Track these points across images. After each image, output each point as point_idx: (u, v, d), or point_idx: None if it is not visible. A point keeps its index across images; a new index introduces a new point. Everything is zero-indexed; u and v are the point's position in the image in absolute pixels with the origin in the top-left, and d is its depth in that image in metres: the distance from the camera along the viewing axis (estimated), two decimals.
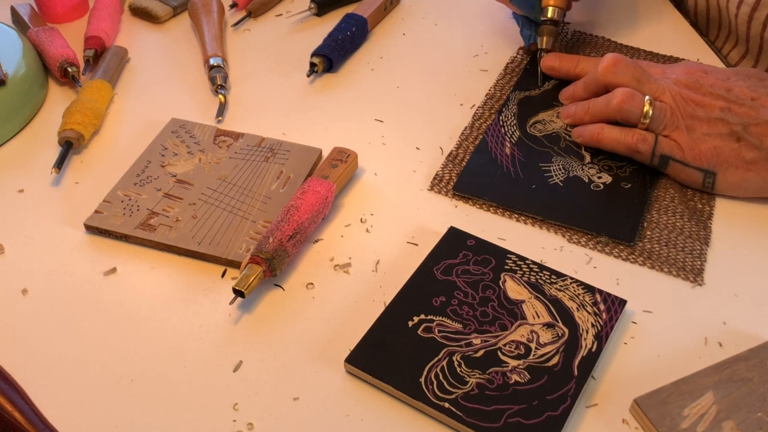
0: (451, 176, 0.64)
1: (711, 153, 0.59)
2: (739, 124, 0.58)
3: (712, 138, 0.59)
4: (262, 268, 0.53)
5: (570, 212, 0.59)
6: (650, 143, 0.60)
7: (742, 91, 0.59)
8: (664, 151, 0.60)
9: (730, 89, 0.59)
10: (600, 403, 0.48)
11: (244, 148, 0.66)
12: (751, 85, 0.60)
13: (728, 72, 0.62)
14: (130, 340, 0.53)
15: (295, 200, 0.57)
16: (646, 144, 0.60)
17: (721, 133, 0.58)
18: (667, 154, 0.60)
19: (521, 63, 0.75)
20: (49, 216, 0.62)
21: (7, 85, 0.69)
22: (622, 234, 0.58)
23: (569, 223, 0.59)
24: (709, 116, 0.59)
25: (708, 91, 0.60)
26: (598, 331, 0.51)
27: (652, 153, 0.60)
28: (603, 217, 0.59)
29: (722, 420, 0.46)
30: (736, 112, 0.58)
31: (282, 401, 0.49)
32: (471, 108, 0.71)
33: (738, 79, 0.61)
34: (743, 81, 0.60)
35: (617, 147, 0.61)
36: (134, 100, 0.74)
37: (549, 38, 0.72)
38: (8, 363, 0.51)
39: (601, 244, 0.57)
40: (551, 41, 0.72)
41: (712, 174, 0.59)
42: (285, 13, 0.85)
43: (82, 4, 0.86)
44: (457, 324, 0.51)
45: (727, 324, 0.53)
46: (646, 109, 0.60)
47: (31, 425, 0.46)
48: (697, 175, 0.59)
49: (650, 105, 0.60)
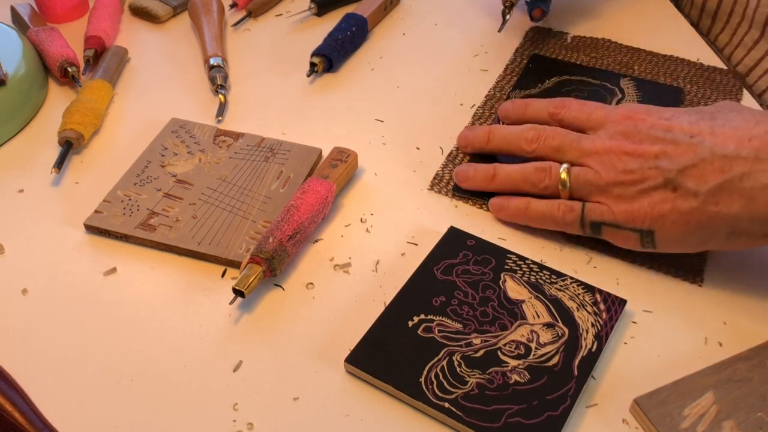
0: (451, 176, 0.64)
1: (646, 209, 0.52)
2: (674, 170, 0.51)
3: (646, 193, 0.52)
4: (262, 268, 0.53)
5: None
6: (577, 212, 0.55)
7: (682, 127, 0.53)
8: (593, 217, 0.55)
9: (670, 128, 0.53)
10: (600, 403, 0.48)
11: (244, 148, 0.66)
12: (695, 120, 0.53)
13: (677, 110, 0.55)
14: (130, 340, 0.53)
15: (295, 200, 0.57)
16: (573, 213, 0.55)
17: (656, 186, 0.52)
18: (597, 220, 0.55)
19: (521, 63, 0.75)
20: (49, 216, 0.62)
21: (7, 85, 0.69)
22: None
23: None
24: (642, 167, 0.52)
25: (645, 136, 0.53)
26: (598, 330, 0.51)
27: (581, 221, 0.55)
28: None
29: (722, 420, 0.46)
30: (671, 155, 0.52)
31: (282, 401, 0.49)
32: (471, 108, 0.71)
33: (683, 114, 0.54)
34: (688, 116, 0.54)
35: (545, 222, 0.57)
36: (134, 100, 0.74)
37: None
38: (8, 363, 0.51)
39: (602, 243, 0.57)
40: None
41: (650, 233, 0.53)
42: (285, 13, 0.85)
43: (82, 4, 0.86)
44: (457, 324, 0.51)
45: (727, 324, 0.53)
46: (563, 178, 0.56)
47: (31, 425, 0.46)
48: (634, 236, 0.54)
49: (567, 173, 0.56)
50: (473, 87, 0.73)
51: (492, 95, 0.72)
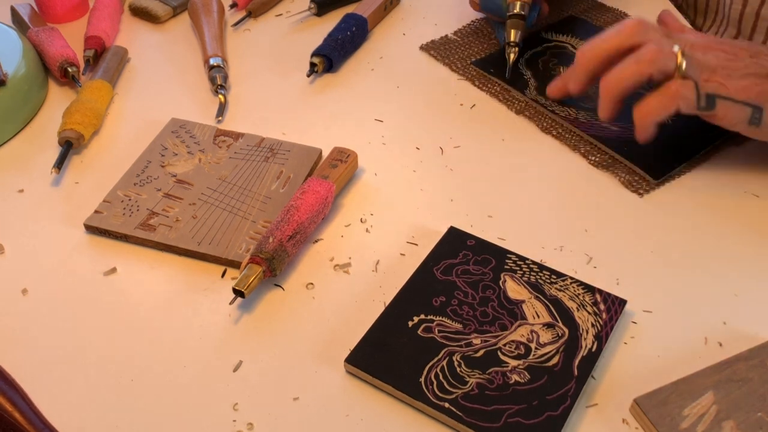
0: None
1: (755, 87, 0.57)
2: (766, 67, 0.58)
3: (752, 76, 0.58)
4: (262, 268, 0.53)
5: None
6: (692, 86, 0.57)
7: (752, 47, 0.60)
8: (708, 89, 0.57)
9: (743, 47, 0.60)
10: (600, 403, 0.48)
11: (244, 148, 0.66)
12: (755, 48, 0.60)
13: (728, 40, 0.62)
14: (130, 340, 0.53)
15: (295, 200, 0.57)
16: (688, 88, 0.57)
17: (759, 74, 0.58)
18: (712, 92, 0.57)
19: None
20: (49, 216, 0.62)
21: (7, 85, 0.69)
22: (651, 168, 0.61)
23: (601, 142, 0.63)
24: (741, 58, 0.58)
25: (729, 44, 0.60)
26: (598, 331, 0.51)
27: (697, 95, 0.57)
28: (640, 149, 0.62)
29: (722, 420, 0.46)
30: (766, 56, 0.59)
31: (282, 401, 0.49)
32: (471, 108, 0.71)
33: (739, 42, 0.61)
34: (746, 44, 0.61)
35: (666, 107, 0.58)
36: (134, 100, 0.74)
37: (516, 31, 0.72)
38: (8, 363, 0.51)
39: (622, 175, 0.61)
40: (519, 34, 0.72)
41: (759, 109, 0.57)
42: (285, 13, 0.85)
43: (82, 4, 0.86)
44: (457, 324, 0.51)
45: (727, 324, 0.53)
46: (679, 61, 0.57)
47: (31, 425, 0.46)
48: (746, 111, 0.58)
49: (682, 55, 0.57)
50: (473, 87, 0.73)
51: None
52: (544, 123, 0.69)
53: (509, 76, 0.72)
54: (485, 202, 0.62)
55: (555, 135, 0.68)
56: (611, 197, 0.62)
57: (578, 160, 0.65)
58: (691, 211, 0.61)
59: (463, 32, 0.80)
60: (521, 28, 0.72)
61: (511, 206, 0.62)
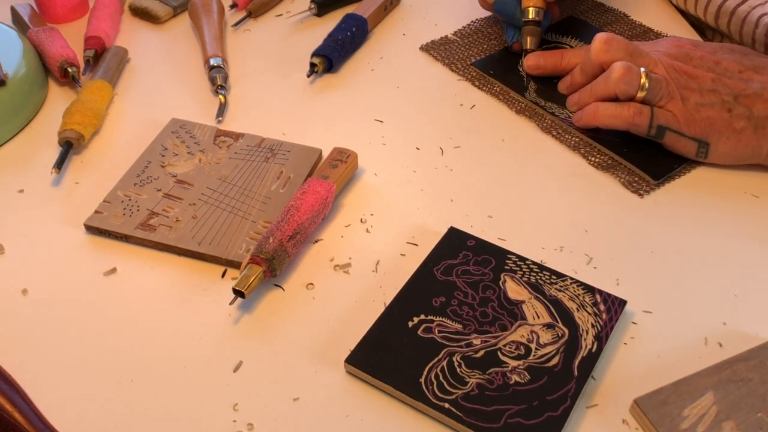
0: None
1: (705, 123, 0.61)
2: (730, 94, 0.61)
3: (705, 108, 0.61)
4: (262, 268, 0.53)
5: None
6: (647, 115, 0.61)
7: (730, 64, 0.62)
8: (660, 121, 0.61)
9: (718, 62, 0.62)
10: (600, 404, 0.48)
11: (244, 148, 0.66)
12: (736, 59, 0.63)
13: (714, 46, 0.65)
14: (130, 340, 0.53)
15: (295, 200, 0.57)
16: (643, 116, 0.61)
17: (713, 103, 0.61)
18: (663, 124, 0.61)
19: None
20: (49, 216, 0.62)
21: (7, 85, 0.69)
22: (650, 169, 0.62)
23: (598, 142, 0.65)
24: (701, 87, 0.61)
25: (698, 64, 0.63)
26: (598, 331, 0.51)
27: (649, 124, 0.61)
28: (639, 150, 0.64)
29: (722, 420, 0.46)
30: (726, 84, 0.61)
31: (282, 401, 0.49)
32: (471, 108, 0.71)
33: (724, 53, 0.64)
34: (729, 55, 0.63)
35: (615, 122, 0.63)
36: (134, 100, 0.74)
37: (533, 39, 0.72)
38: (8, 363, 0.51)
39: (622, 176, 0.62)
40: (535, 41, 0.72)
41: (706, 144, 0.61)
42: (285, 14, 0.85)
43: (82, 4, 0.86)
44: (457, 324, 0.51)
45: (727, 324, 0.53)
46: (642, 81, 0.61)
47: (31, 425, 0.46)
48: (692, 145, 0.62)
49: (646, 77, 0.61)
50: (473, 87, 0.73)
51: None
52: (544, 123, 0.69)
53: (527, 84, 0.72)
54: (485, 202, 0.62)
55: (555, 135, 0.68)
56: (611, 198, 0.62)
57: (578, 160, 0.65)
58: (691, 211, 0.61)
59: (463, 32, 0.80)
60: (537, 35, 0.72)
61: (511, 206, 0.62)
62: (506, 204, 0.62)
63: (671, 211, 0.61)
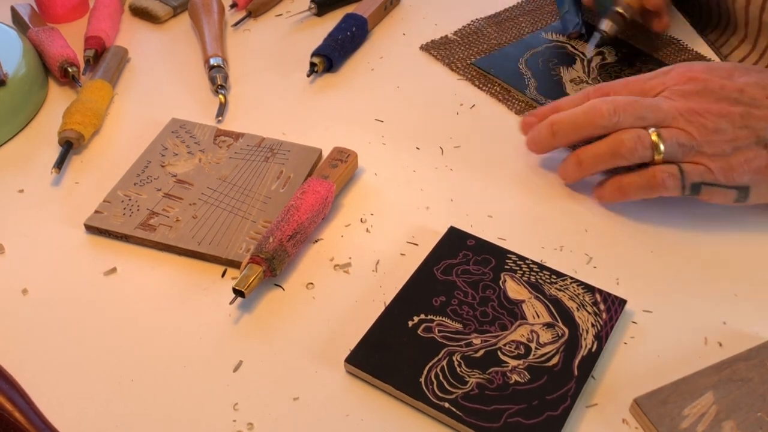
0: None
1: (742, 167, 0.54)
2: (764, 128, 0.54)
3: (740, 151, 0.54)
4: (262, 268, 0.53)
5: None
6: (677, 176, 0.55)
7: (754, 90, 0.55)
8: (694, 179, 0.55)
9: (742, 90, 0.55)
10: (600, 403, 0.48)
11: (244, 148, 0.66)
12: (757, 81, 0.56)
13: (728, 68, 0.57)
14: (130, 340, 0.53)
15: (295, 200, 0.57)
16: (674, 179, 0.55)
17: (749, 145, 0.54)
18: (697, 180, 0.55)
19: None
20: (49, 216, 0.62)
21: (7, 85, 0.69)
22: None
23: None
24: (732, 126, 0.54)
25: (720, 96, 0.55)
26: (598, 331, 0.51)
27: (682, 185, 0.56)
28: None
29: (722, 420, 0.46)
30: (757, 116, 0.54)
31: (282, 401, 0.49)
32: (471, 108, 0.71)
33: (741, 75, 0.56)
34: (747, 77, 0.56)
35: (645, 192, 0.57)
36: (134, 100, 0.74)
37: (614, 25, 0.73)
38: (8, 363, 0.51)
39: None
40: (615, 28, 0.73)
41: (746, 189, 0.55)
42: (285, 13, 0.85)
43: (82, 4, 0.86)
44: (457, 324, 0.51)
45: (727, 324, 0.53)
46: (655, 142, 0.55)
47: (31, 425, 0.46)
48: (732, 193, 0.56)
49: (659, 137, 0.55)
50: (473, 87, 0.73)
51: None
52: None
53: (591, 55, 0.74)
54: (485, 202, 0.62)
55: None
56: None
57: None
58: (690, 210, 0.61)
59: (463, 32, 0.80)
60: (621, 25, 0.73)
61: (511, 206, 0.62)
62: (506, 204, 0.62)
63: (671, 210, 0.61)
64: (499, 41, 0.79)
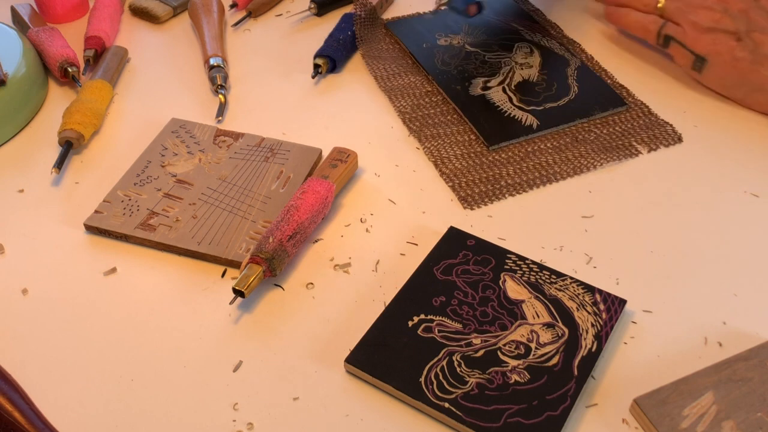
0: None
1: (709, 42, 0.68)
2: (744, 26, 0.67)
3: (715, 32, 0.67)
4: (262, 268, 0.53)
5: None
6: (659, 24, 0.71)
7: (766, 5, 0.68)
8: (668, 32, 0.70)
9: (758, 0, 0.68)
10: (600, 403, 0.48)
11: (244, 148, 0.66)
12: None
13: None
14: (130, 340, 0.53)
15: (295, 200, 0.57)
16: (656, 24, 0.71)
17: (725, 29, 0.67)
18: (670, 34, 0.70)
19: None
20: (49, 216, 0.62)
21: (7, 85, 0.69)
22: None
23: None
24: (723, 9, 0.67)
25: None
26: (598, 330, 0.51)
27: (659, 31, 0.71)
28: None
29: (722, 420, 0.46)
30: (749, 17, 0.67)
31: (282, 401, 0.49)
32: None
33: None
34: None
35: (634, 27, 0.74)
36: (134, 100, 0.74)
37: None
38: (8, 363, 0.51)
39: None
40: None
41: (703, 60, 0.68)
42: (285, 13, 0.85)
43: (82, 4, 0.86)
44: (457, 324, 0.51)
45: (727, 324, 0.53)
46: (661, 4, 0.71)
47: (31, 425, 0.46)
48: (690, 57, 0.69)
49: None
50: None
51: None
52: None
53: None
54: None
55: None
56: (611, 197, 0.62)
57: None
58: (690, 210, 0.61)
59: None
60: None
61: (511, 206, 0.62)
62: (506, 204, 0.62)
63: (671, 210, 0.61)
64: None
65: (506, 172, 0.64)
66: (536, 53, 0.75)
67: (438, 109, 0.70)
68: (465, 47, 0.76)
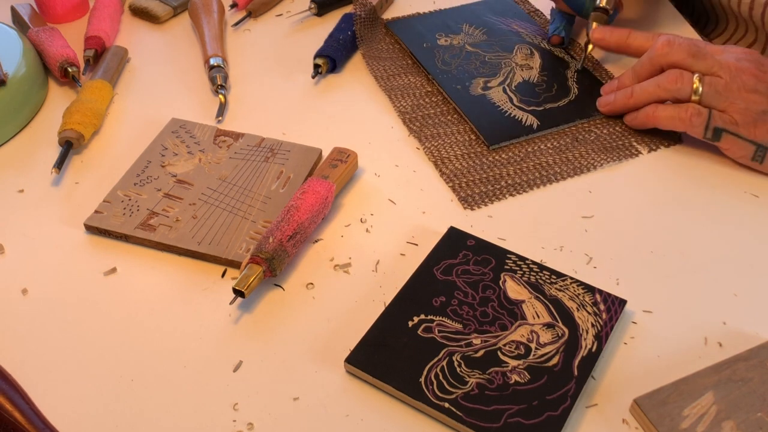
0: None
1: (766, 129, 0.60)
2: None
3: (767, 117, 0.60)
4: (262, 268, 0.53)
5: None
6: (704, 116, 0.61)
7: None
8: (717, 123, 0.61)
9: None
10: (600, 403, 0.48)
11: (244, 148, 0.66)
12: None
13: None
14: (130, 340, 0.53)
15: (295, 200, 0.57)
16: (701, 117, 0.61)
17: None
18: (720, 126, 0.61)
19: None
20: (49, 216, 0.62)
21: (7, 85, 0.69)
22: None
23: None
24: (765, 88, 0.60)
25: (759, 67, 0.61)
26: (598, 331, 0.51)
27: (706, 125, 0.61)
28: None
29: (722, 420, 0.46)
30: None
31: (282, 401, 0.49)
32: None
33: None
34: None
35: (672, 123, 0.63)
36: (134, 100, 0.74)
37: (599, 25, 0.72)
38: (8, 363, 0.51)
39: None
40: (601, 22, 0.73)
41: (765, 148, 0.61)
42: (285, 13, 0.85)
43: (82, 4, 0.86)
44: (457, 324, 0.51)
45: (727, 324, 0.53)
46: (695, 86, 0.61)
47: (31, 425, 0.46)
48: (749, 148, 0.61)
49: (700, 81, 0.61)
50: None
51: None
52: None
53: (581, 67, 0.74)
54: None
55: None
56: (611, 197, 0.62)
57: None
58: (690, 210, 0.61)
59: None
60: (604, 22, 0.72)
61: (512, 206, 0.62)
62: (506, 204, 0.62)
63: (671, 210, 0.61)
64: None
65: (506, 173, 0.64)
66: (536, 55, 0.75)
67: (438, 109, 0.70)
68: (465, 47, 0.76)
